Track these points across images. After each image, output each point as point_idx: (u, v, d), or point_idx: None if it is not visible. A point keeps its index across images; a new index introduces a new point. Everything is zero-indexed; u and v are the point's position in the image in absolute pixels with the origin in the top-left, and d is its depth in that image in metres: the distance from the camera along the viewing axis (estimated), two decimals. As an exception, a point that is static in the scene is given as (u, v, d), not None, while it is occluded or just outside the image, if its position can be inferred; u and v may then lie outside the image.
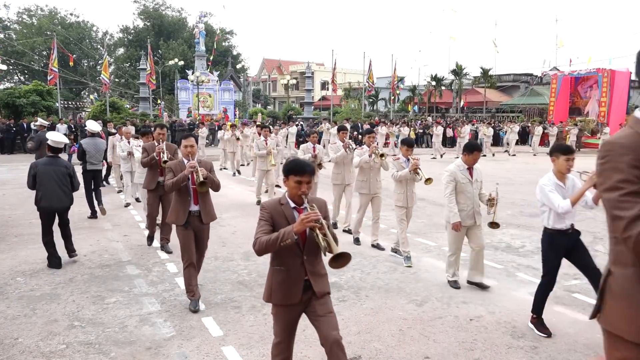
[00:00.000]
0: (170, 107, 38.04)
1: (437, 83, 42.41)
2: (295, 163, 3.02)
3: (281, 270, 3.06)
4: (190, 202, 4.82)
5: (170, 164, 4.99)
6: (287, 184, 3.04)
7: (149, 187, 6.79)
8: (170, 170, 4.87)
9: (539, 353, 3.94)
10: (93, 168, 9.10)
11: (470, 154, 5.25)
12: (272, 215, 3.03)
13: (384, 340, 4.09)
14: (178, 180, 4.73)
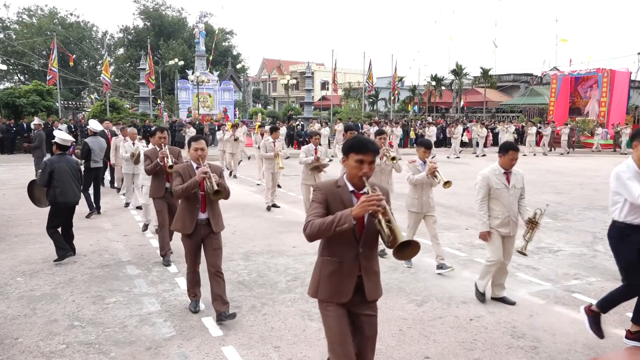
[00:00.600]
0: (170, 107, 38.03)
1: (437, 83, 42.43)
2: (358, 139, 2.73)
3: (332, 262, 2.75)
4: (198, 210, 4.46)
5: (178, 167, 4.59)
6: (347, 164, 2.74)
7: (155, 195, 6.26)
8: (179, 175, 4.47)
9: (539, 353, 3.94)
10: (96, 166, 9.36)
11: (505, 154, 4.66)
12: (327, 197, 2.71)
13: (384, 340, 4.09)
14: (188, 187, 4.34)
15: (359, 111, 35.79)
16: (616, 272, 5.93)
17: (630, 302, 4.96)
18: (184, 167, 4.56)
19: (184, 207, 4.51)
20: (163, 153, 6.13)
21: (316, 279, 2.84)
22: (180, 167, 4.57)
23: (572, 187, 12.81)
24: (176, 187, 4.39)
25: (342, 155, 2.79)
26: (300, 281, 5.56)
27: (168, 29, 51.78)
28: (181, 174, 4.47)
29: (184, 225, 4.48)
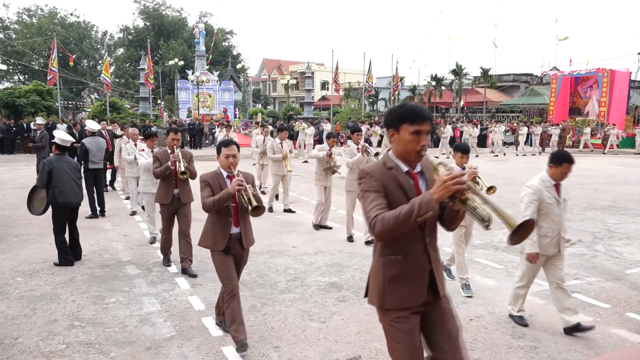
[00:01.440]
0: (170, 107, 38.06)
1: (437, 83, 42.44)
2: (412, 107, 2.31)
3: (397, 260, 2.33)
4: (231, 224, 3.96)
5: (207, 177, 3.97)
6: (397, 138, 2.31)
7: (163, 201, 5.85)
8: (207, 185, 3.92)
9: (539, 353, 3.94)
10: (95, 167, 9.22)
11: (559, 165, 4.19)
12: (384, 184, 2.29)
13: (384, 341, 4.04)
14: (221, 200, 3.81)
15: (359, 111, 35.80)
16: (616, 273, 5.95)
17: (631, 302, 4.96)
18: (212, 176, 3.98)
19: (214, 221, 3.98)
20: (175, 157, 5.69)
21: (380, 284, 2.37)
22: (209, 177, 3.98)
23: (572, 187, 12.81)
24: (206, 200, 3.85)
25: (388, 129, 2.37)
26: (300, 281, 5.56)
27: (168, 29, 51.79)
28: (210, 184, 3.93)
29: (215, 242, 3.95)
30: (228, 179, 3.97)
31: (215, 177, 4.01)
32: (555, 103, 31.24)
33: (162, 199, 5.88)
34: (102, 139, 9.86)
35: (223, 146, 4.04)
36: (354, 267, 6.08)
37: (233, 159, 3.99)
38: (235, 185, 3.77)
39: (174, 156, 5.69)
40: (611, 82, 28.29)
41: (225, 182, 3.96)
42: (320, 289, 5.29)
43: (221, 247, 3.93)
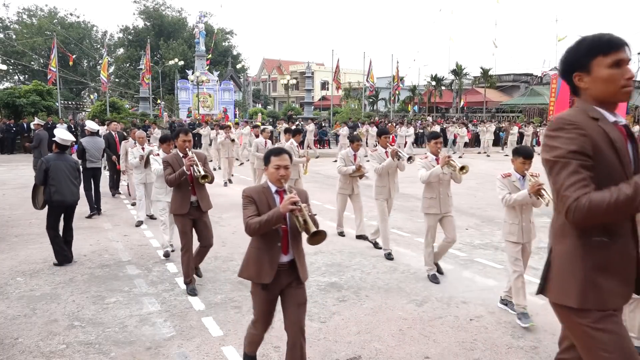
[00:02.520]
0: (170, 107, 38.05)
1: (437, 83, 42.46)
2: (600, 35, 1.90)
3: (603, 243, 1.86)
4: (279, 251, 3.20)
5: (252, 192, 3.23)
6: (590, 80, 1.89)
7: (179, 211, 5.09)
8: (252, 202, 3.18)
9: (539, 353, 3.94)
10: (93, 166, 9.33)
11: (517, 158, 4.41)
12: (594, 141, 1.80)
13: (384, 340, 4.09)
14: (269, 222, 3.05)
15: (359, 111, 35.80)
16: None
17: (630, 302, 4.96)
18: (258, 192, 3.23)
19: (259, 247, 3.21)
20: (191, 160, 5.00)
21: (581, 275, 1.85)
22: (255, 192, 3.23)
23: (572, 187, 12.79)
24: (252, 222, 3.07)
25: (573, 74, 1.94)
26: (300, 281, 5.55)
27: (168, 29, 51.79)
28: (256, 201, 3.18)
29: (260, 272, 3.18)
30: (277, 195, 3.26)
31: (262, 193, 3.26)
32: (555, 103, 31.17)
33: (178, 209, 5.10)
34: (99, 139, 9.92)
35: (273, 155, 3.26)
36: (354, 267, 6.08)
37: (285, 170, 3.24)
38: (289, 205, 3.02)
39: (189, 159, 5.00)
40: (611, 82, 28.29)
41: (274, 200, 3.23)
42: (320, 289, 5.29)
43: (267, 279, 3.18)
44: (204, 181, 5.02)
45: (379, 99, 44.65)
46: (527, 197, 4.43)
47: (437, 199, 5.44)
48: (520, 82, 45.04)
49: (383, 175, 6.46)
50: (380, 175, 6.48)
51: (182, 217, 5.09)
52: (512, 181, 4.67)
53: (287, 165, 3.25)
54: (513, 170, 4.72)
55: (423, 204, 5.58)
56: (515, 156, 4.74)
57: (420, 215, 8.87)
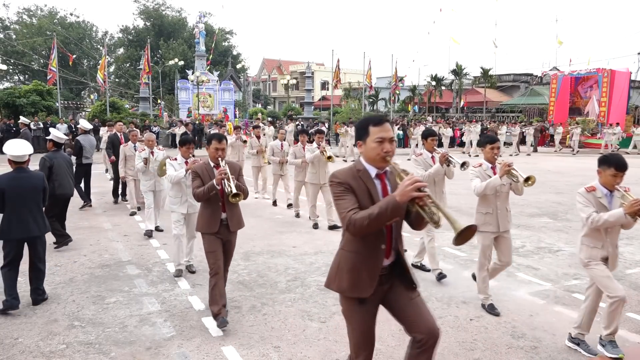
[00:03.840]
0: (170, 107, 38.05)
1: (437, 83, 42.44)
2: None
3: None
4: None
5: (347, 178, 2.67)
6: None
7: (207, 229, 4.45)
8: (349, 191, 2.62)
9: (539, 353, 3.94)
10: (87, 162, 9.82)
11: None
12: None
13: (384, 340, 4.09)
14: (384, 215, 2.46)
15: (359, 111, 35.80)
16: (616, 273, 5.93)
17: (631, 302, 4.96)
18: (355, 177, 2.76)
19: (357, 251, 2.70)
20: (222, 173, 4.32)
21: None
22: (350, 176, 2.74)
23: (572, 187, 12.79)
24: (358, 217, 2.49)
25: None
26: (300, 281, 5.56)
27: (168, 29, 51.79)
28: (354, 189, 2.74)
29: (357, 283, 2.69)
30: (378, 180, 2.89)
31: (359, 176, 2.84)
32: (555, 103, 31.23)
33: (206, 227, 4.46)
34: (92, 137, 10.42)
35: (373, 125, 2.82)
36: (354, 267, 6.07)
37: (390, 144, 2.78)
38: (410, 189, 2.43)
39: (221, 172, 4.33)
40: (611, 82, 28.28)
41: (375, 185, 2.85)
42: (320, 289, 5.29)
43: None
44: (234, 200, 4.31)
45: (379, 99, 44.64)
46: (622, 218, 3.68)
47: (494, 215, 4.68)
48: (520, 82, 45.02)
49: (430, 183, 5.55)
50: None
51: (211, 237, 4.45)
52: (598, 197, 3.93)
53: (392, 138, 2.67)
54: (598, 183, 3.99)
55: (477, 220, 4.73)
56: (604, 167, 3.95)
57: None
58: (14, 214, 4.68)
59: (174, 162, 5.78)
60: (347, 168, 2.74)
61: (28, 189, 4.78)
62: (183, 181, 5.70)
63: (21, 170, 4.82)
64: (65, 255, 6.49)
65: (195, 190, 4.45)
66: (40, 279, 4.93)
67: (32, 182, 4.84)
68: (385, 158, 2.60)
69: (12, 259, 4.75)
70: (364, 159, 2.72)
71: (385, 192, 2.69)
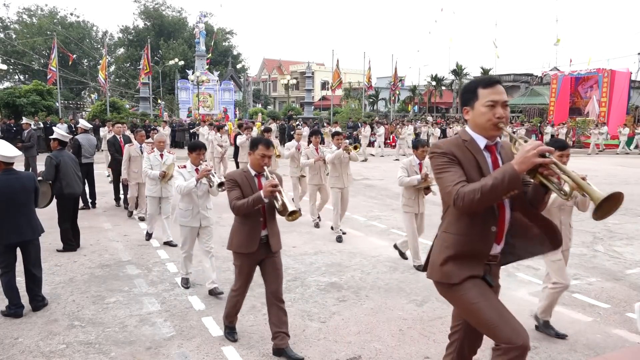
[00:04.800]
0: (171, 107, 38.07)
1: (437, 83, 42.46)
2: None
3: None
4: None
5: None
6: None
7: (244, 248, 3.87)
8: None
9: (539, 353, 3.94)
10: (87, 161, 9.64)
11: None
12: None
13: (384, 340, 4.09)
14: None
15: (359, 111, 35.79)
16: (616, 273, 5.95)
17: (631, 302, 4.96)
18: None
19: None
20: (273, 186, 3.60)
21: None
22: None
23: (572, 187, 12.79)
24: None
25: None
26: (300, 281, 5.56)
27: (168, 29, 51.81)
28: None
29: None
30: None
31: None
32: (555, 103, 31.21)
33: (242, 246, 3.88)
34: (92, 136, 10.36)
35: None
36: (354, 267, 6.08)
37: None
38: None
39: (272, 184, 3.61)
40: (611, 82, 28.26)
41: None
42: (320, 289, 5.29)
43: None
44: (291, 218, 3.59)
45: (379, 99, 44.65)
46: None
47: None
48: (520, 82, 45.03)
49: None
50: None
51: (247, 257, 3.90)
52: None
53: (505, 102, 2.44)
54: None
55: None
56: None
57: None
58: (4, 217, 4.49)
59: (183, 170, 5.17)
60: (451, 138, 2.46)
61: (18, 190, 4.60)
62: (194, 191, 5.10)
63: (10, 171, 4.66)
64: (65, 255, 6.49)
65: (235, 203, 3.76)
66: (37, 286, 4.76)
67: (23, 182, 4.66)
68: (497, 125, 2.28)
69: (7, 264, 4.58)
70: (471, 127, 2.39)
71: (497, 167, 2.33)
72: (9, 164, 4.69)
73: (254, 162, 3.87)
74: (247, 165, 4.01)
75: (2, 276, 4.59)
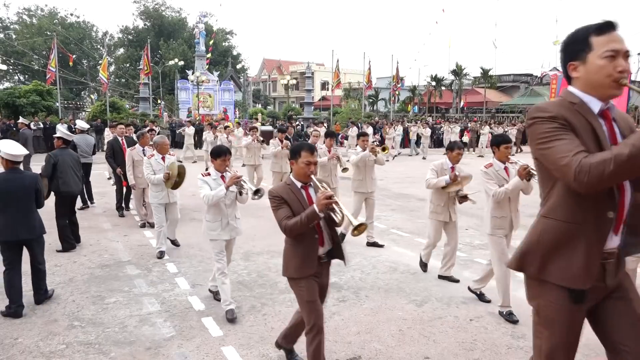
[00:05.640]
0: (170, 107, 38.07)
1: (437, 83, 42.48)
2: None
3: None
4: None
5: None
6: None
7: (300, 272, 3.34)
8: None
9: (539, 353, 3.94)
10: (84, 161, 9.55)
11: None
12: None
13: (384, 341, 4.09)
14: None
15: (359, 111, 35.80)
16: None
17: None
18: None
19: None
20: (327, 196, 3.07)
21: None
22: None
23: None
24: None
25: None
26: (300, 281, 5.55)
27: (168, 29, 51.80)
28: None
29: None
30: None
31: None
32: (555, 103, 31.24)
33: (299, 270, 3.34)
34: (89, 137, 10.39)
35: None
36: (354, 267, 6.08)
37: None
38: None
39: (325, 195, 3.06)
40: (611, 83, 28.29)
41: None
42: (320, 289, 5.29)
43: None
44: (357, 233, 3.06)
45: (379, 99, 44.66)
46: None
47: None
48: (520, 83, 45.05)
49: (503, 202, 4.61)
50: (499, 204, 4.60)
51: (306, 280, 3.36)
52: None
53: (628, 52, 2.06)
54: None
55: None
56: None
57: (419, 215, 8.85)
58: (4, 216, 4.59)
59: (208, 177, 4.65)
60: (555, 100, 2.05)
61: (19, 189, 4.67)
62: (222, 200, 4.61)
63: (14, 170, 4.74)
64: (65, 255, 6.49)
65: (286, 223, 3.18)
66: (41, 279, 4.88)
67: (24, 182, 4.74)
68: (620, 82, 1.84)
69: (10, 261, 4.65)
70: (581, 86, 1.97)
71: (614, 138, 1.88)
72: (16, 163, 4.77)
73: (298, 172, 3.33)
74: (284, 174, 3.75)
75: (5, 273, 4.64)
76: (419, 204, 10.25)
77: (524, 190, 4.57)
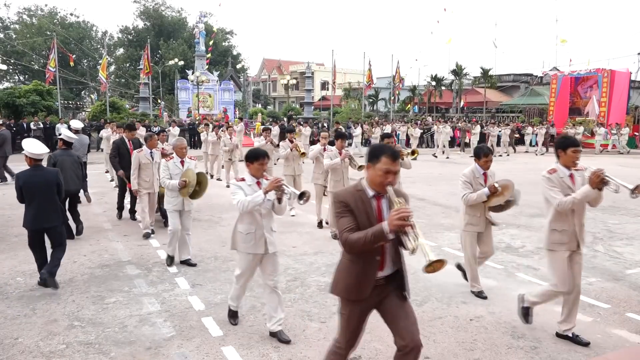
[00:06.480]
0: (170, 107, 38.09)
1: (437, 83, 42.47)
2: None
3: None
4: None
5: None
6: None
7: (354, 295, 2.93)
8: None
9: (539, 353, 3.94)
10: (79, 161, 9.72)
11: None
12: None
13: (384, 340, 4.09)
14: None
15: (359, 111, 35.80)
16: (617, 273, 5.95)
17: (631, 302, 4.96)
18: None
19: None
20: (403, 216, 2.62)
21: None
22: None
23: (572, 187, 12.79)
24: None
25: None
26: (300, 281, 5.56)
27: (168, 29, 51.82)
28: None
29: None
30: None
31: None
32: (555, 103, 31.21)
33: (352, 292, 2.93)
34: (84, 136, 10.67)
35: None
36: (354, 267, 6.07)
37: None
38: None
39: (400, 214, 2.62)
40: (611, 83, 28.25)
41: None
42: (320, 289, 5.29)
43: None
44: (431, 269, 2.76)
45: (379, 99, 44.66)
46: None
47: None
48: (520, 82, 45.03)
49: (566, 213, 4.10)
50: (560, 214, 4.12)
51: (352, 308, 2.96)
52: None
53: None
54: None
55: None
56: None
57: (419, 215, 8.86)
58: (30, 207, 5.31)
59: (242, 183, 4.16)
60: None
61: (42, 184, 5.30)
62: (257, 209, 4.12)
63: (37, 167, 5.37)
64: (65, 255, 6.44)
65: (348, 237, 2.72)
66: (56, 258, 5.35)
67: (46, 177, 5.35)
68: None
69: (33, 245, 5.37)
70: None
71: None
72: (38, 160, 5.38)
73: (373, 179, 2.82)
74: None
75: (34, 252, 5.40)
76: (419, 203, 10.25)
77: (592, 202, 4.08)
